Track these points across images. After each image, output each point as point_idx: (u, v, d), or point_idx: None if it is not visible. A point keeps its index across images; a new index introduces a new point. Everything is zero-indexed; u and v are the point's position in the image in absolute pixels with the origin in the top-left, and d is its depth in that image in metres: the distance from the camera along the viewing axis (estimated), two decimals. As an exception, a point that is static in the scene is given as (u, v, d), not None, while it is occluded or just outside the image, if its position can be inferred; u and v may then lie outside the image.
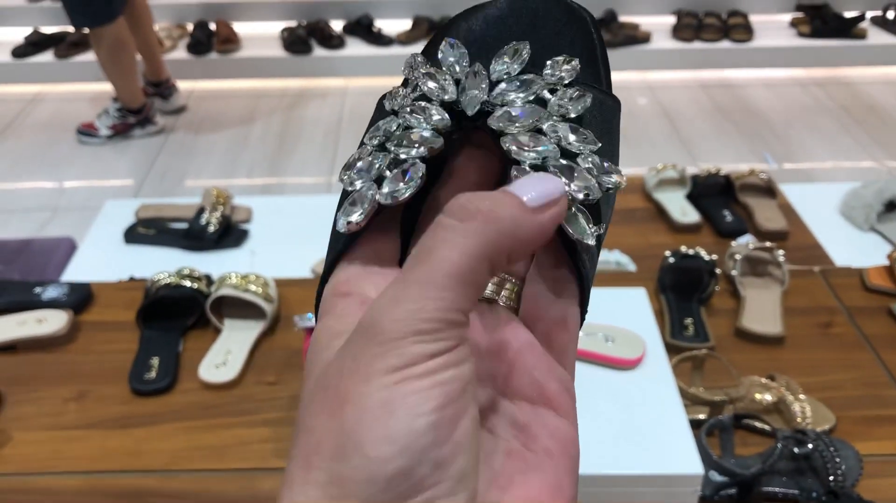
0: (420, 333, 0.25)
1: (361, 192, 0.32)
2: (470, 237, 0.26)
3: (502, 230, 0.27)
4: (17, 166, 3.00)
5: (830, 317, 1.33)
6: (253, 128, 3.27)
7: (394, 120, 0.34)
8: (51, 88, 3.61)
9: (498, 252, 0.27)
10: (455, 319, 0.26)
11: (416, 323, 0.25)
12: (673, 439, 0.97)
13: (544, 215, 0.28)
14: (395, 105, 0.34)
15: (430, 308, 0.25)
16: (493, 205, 0.27)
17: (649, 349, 1.10)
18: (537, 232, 0.28)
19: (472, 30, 0.36)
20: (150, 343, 1.25)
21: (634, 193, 1.77)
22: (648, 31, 3.77)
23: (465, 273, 0.26)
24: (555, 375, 0.31)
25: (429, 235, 0.27)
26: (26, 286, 1.38)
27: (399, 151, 0.32)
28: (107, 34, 2.76)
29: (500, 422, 0.30)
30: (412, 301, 0.25)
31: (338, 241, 0.33)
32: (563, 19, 0.36)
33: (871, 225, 1.70)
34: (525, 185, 0.28)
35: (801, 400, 1.14)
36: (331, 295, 0.32)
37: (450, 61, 0.34)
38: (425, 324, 0.25)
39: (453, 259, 0.26)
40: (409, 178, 0.31)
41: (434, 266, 0.26)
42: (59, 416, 1.14)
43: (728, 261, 1.41)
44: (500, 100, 0.33)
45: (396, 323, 0.25)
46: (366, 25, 3.77)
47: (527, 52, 0.34)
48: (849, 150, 3.07)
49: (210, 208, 1.66)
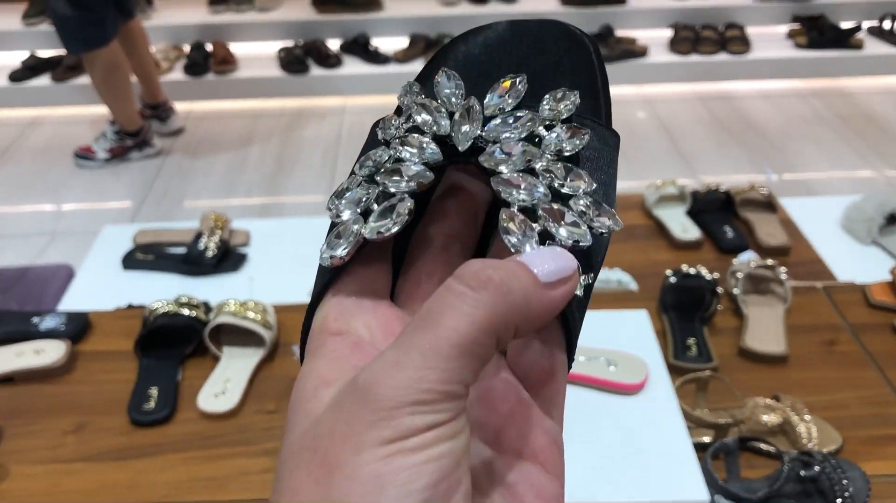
0: (418, 404, 0.24)
1: (347, 224, 0.31)
2: (480, 308, 0.25)
3: (513, 303, 0.26)
4: (15, 190, 3.00)
5: (834, 334, 1.32)
6: (251, 148, 3.27)
7: (385, 151, 0.33)
8: (48, 112, 3.62)
9: (506, 325, 0.26)
10: (456, 391, 0.25)
11: (416, 393, 0.24)
12: (677, 465, 0.96)
13: (556, 292, 0.27)
14: (387, 135, 0.34)
15: (431, 378, 0.24)
16: (506, 276, 0.26)
17: (652, 373, 1.09)
18: (547, 308, 0.27)
19: (471, 55, 0.36)
20: (149, 372, 1.24)
21: (634, 210, 1.76)
22: (645, 44, 3.77)
23: (471, 345, 0.25)
24: (543, 428, 0.30)
25: (437, 299, 0.26)
26: (24, 316, 1.37)
27: (388, 184, 0.31)
28: (101, 58, 2.76)
29: (487, 479, 0.29)
30: (414, 369, 0.24)
31: (325, 272, 0.32)
32: (565, 46, 0.36)
33: (872, 238, 1.70)
34: (538, 258, 0.28)
35: (807, 420, 1.12)
36: (319, 331, 0.31)
37: (445, 93, 0.33)
38: (425, 394, 0.24)
39: (461, 329, 0.25)
40: (397, 214, 0.31)
41: (440, 334, 0.25)
42: (58, 449, 1.13)
43: (730, 280, 1.40)
44: (493, 136, 0.32)
45: (395, 391, 0.24)
46: (362, 44, 3.78)
47: (523, 85, 0.33)
48: (848, 160, 3.07)
49: (208, 233, 1.66)
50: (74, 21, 2.64)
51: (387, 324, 0.32)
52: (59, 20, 2.67)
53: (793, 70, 3.75)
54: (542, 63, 0.35)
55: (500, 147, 0.31)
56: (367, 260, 0.32)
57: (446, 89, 0.33)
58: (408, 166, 0.32)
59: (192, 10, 3.97)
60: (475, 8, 3.87)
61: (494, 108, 0.33)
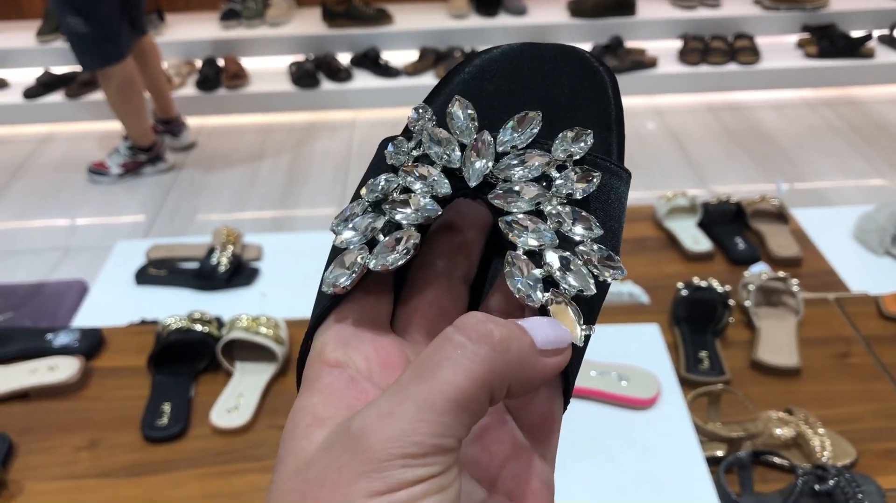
0: (409, 457, 0.24)
1: (352, 253, 0.31)
2: (478, 363, 0.25)
3: (510, 363, 0.26)
4: (28, 206, 3.02)
5: (847, 346, 1.31)
6: (263, 162, 3.29)
7: (393, 179, 0.32)
8: (62, 128, 3.64)
9: (501, 383, 0.26)
10: (448, 445, 0.25)
11: (408, 446, 0.24)
12: (690, 479, 0.95)
13: (550, 360, 0.28)
14: (397, 161, 0.33)
15: (424, 431, 0.24)
16: (507, 335, 0.26)
17: (664, 387, 1.08)
18: (541, 374, 0.28)
19: (484, 78, 0.35)
20: (162, 388, 1.25)
21: (645, 222, 1.76)
22: (655, 55, 3.77)
23: (467, 400, 0.25)
24: (536, 471, 0.30)
25: (435, 349, 0.26)
26: (38, 333, 1.38)
27: (396, 215, 0.31)
28: (115, 74, 2.78)
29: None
30: (407, 421, 0.24)
31: (326, 298, 0.32)
32: (581, 76, 0.35)
33: (885, 249, 1.69)
34: (539, 326, 0.28)
35: (821, 434, 1.12)
36: (317, 361, 0.31)
37: (458, 125, 0.33)
38: (416, 447, 0.24)
39: (458, 383, 0.25)
40: (405, 248, 0.30)
41: (435, 387, 0.25)
42: (71, 466, 1.14)
43: (742, 292, 1.40)
44: (505, 174, 0.32)
45: (387, 442, 0.24)
46: (373, 58, 3.79)
47: (538, 123, 0.33)
48: (859, 169, 3.06)
49: (220, 248, 1.66)
50: (89, 37, 2.67)
51: (386, 357, 0.31)
52: (74, 37, 2.69)
53: (803, 80, 3.74)
54: (558, 93, 0.34)
55: (511, 187, 0.31)
56: (368, 288, 0.32)
57: (459, 120, 0.33)
58: (417, 199, 0.31)
59: (203, 25, 4.00)
60: (485, 21, 3.87)
61: (507, 145, 0.32)
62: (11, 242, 2.80)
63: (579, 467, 0.97)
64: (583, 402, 1.07)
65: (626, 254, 1.66)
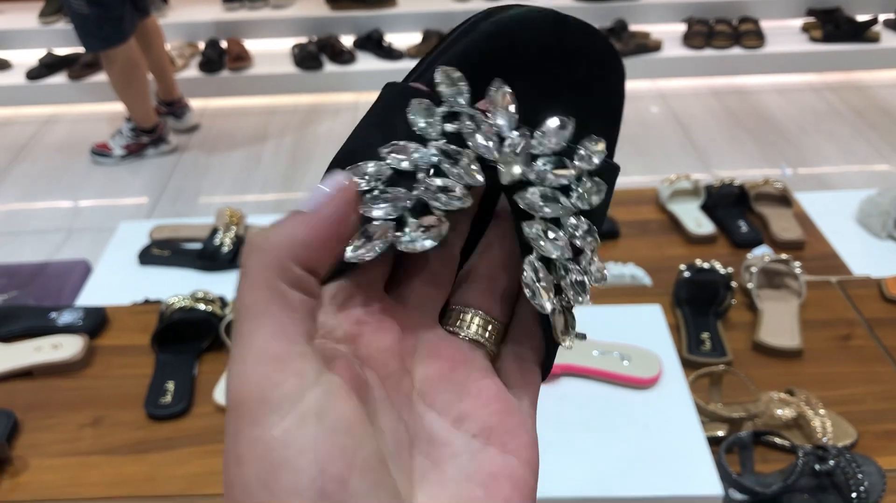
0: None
1: (380, 227, 0.30)
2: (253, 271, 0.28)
3: (280, 243, 0.28)
4: (32, 188, 3.02)
5: (849, 329, 1.31)
6: (266, 144, 3.29)
7: (424, 153, 0.31)
8: (65, 110, 3.64)
9: (283, 267, 0.28)
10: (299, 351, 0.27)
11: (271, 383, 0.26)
12: (691, 459, 0.96)
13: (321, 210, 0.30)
14: (423, 131, 0.31)
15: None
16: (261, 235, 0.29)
17: (666, 367, 1.09)
18: (317, 228, 0.29)
19: (508, 48, 0.33)
20: (166, 367, 1.25)
21: (648, 205, 1.76)
22: (659, 39, 3.76)
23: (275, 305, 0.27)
24: (525, 426, 0.32)
25: None
26: (42, 311, 1.38)
27: (433, 202, 0.30)
28: (118, 56, 2.78)
29: (473, 468, 0.30)
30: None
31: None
32: (602, 65, 0.34)
33: (888, 232, 1.69)
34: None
35: (822, 415, 1.12)
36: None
37: (500, 123, 0.31)
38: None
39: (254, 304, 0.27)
40: (438, 234, 0.30)
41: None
42: (75, 443, 1.14)
43: (744, 274, 1.40)
44: (539, 178, 0.31)
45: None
46: (376, 40, 3.78)
47: (571, 129, 0.32)
48: (863, 154, 3.05)
49: (223, 228, 1.67)
50: (92, 19, 2.66)
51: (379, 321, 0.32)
52: (77, 18, 2.68)
53: (808, 64, 3.73)
54: (577, 78, 0.34)
55: (538, 200, 0.31)
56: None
57: (501, 119, 0.31)
58: (453, 190, 0.30)
59: (206, 7, 3.99)
60: (488, 3, 3.85)
61: (540, 149, 0.31)
62: (15, 224, 2.80)
63: (581, 445, 0.97)
64: (585, 381, 1.07)
65: (628, 236, 1.66)
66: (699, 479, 0.93)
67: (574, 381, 1.08)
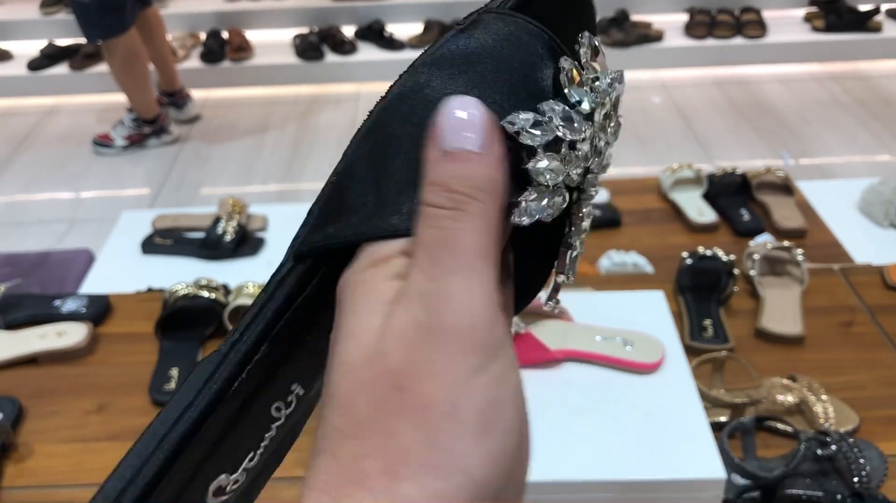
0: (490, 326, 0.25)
1: (557, 194, 0.28)
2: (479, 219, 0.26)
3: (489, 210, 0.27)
4: (34, 178, 3.02)
5: (851, 315, 1.31)
6: (267, 135, 3.29)
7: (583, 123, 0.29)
8: (66, 100, 3.64)
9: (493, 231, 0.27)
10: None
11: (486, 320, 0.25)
12: (694, 443, 0.96)
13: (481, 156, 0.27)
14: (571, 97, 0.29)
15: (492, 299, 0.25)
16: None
17: (668, 352, 1.09)
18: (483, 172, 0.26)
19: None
20: (170, 354, 1.26)
21: (651, 194, 1.76)
22: (661, 29, 3.75)
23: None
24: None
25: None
26: (46, 299, 1.39)
27: (572, 174, 0.29)
28: (119, 46, 2.78)
29: None
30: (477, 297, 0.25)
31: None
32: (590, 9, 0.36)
33: (890, 221, 1.69)
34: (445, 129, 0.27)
35: (824, 400, 1.13)
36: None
37: (586, 134, 0.29)
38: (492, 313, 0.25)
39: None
40: (558, 208, 0.28)
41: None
42: (80, 429, 1.15)
43: (746, 261, 1.40)
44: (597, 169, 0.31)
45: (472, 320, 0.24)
46: (377, 30, 3.78)
47: (617, 125, 0.31)
48: (865, 144, 3.05)
49: (226, 217, 1.67)
50: (94, 9, 2.66)
51: None
52: (79, 8, 2.68)
53: (810, 54, 3.72)
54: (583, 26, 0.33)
55: (586, 223, 0.32)
56: None
57: (585, 131, 0.29)
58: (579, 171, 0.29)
59: (207, -3, 3.99)
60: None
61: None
62: (18, 214, 2.80)
63: (584, 430, 0.98)
64: (587, 366, 1.08)
65: (630, 225, 1.66)
66: (702, 463, 0.94)
67: (577, 366, 1.08)
